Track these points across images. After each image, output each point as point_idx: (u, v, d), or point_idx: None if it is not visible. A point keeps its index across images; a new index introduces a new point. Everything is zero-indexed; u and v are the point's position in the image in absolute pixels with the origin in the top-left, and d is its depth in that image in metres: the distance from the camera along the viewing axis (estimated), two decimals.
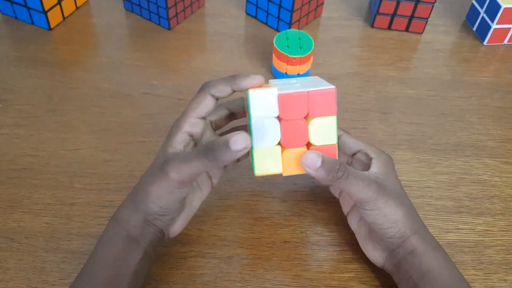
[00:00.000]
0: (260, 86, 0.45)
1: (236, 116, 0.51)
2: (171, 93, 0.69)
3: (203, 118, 0.46)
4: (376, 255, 0.49)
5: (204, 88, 0.46)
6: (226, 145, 0.39)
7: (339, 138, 0.50)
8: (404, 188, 0.58)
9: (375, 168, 0.47)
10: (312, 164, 0.43)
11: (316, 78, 0.50)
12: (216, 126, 0.51)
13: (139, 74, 0.71)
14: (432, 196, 0.58)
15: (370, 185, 0.44)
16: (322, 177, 0.43)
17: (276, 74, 0.71)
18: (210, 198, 0.56)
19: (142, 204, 0.45)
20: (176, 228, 0.48)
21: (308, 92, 0.43)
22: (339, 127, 0.48)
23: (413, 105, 0.69)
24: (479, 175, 0.61)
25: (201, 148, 0.41)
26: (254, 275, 0.50)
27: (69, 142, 0.62)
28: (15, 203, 0.55)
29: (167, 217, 0.45)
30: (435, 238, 0.47)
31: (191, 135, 0.46)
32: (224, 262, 0.51)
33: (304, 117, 0.44)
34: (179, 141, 0.45)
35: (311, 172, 0.43)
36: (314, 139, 0.45)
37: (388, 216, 0.45)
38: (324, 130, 0.45)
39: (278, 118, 0.44)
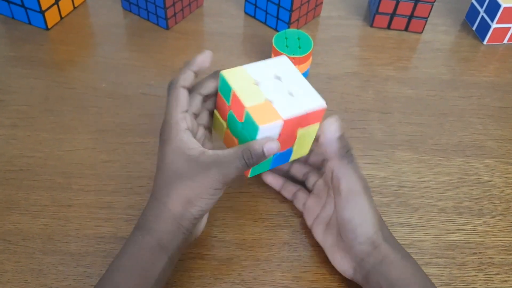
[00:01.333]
0: (209, 59, 0.49)
1: (208, 98, 0.50)
2: None
3: (186, 111, 0.47)
4: (345, 266, 0.48)
5: (171, 86, 0.47)
6: (262, 151, 0.43)
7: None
8: (404, 188, 0.58)
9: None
10: (335, 132, 0.45)
11: (289, 68, 0.50)
12: (195, 115, 0.49)
13: (137, 74, 0.71)
14: (432, 196, 0.58)
15: (362, 180, 0.46)
16: (335, 148, 0.45)
17: None
18: None
19: (182, 210, 0.44)
20: (201, 226, 0.49)
21: (307, 113, 0.46)
22: None
23: (412, 105, 0.69)
24: (480, 176, 0.60)
25: (242, 154, 0.43)
26: (253, 277, 0.50)
27: (66, 142, 0.61)
28: (12, 204, 0.55)
29: (200, 219, 0.46)
30: (438, 238, 0.47)
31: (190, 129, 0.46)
32: (223, 264, 0.51)
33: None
34: (192, 140, 0.45)
35: (328, 140, 0.45)
36: (297, 142, 0.49)
37: (368, 216, 0.45)
38: (307, 135, 0.49)
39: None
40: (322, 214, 0.51)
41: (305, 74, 0.70)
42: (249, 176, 0.49)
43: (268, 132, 0.45)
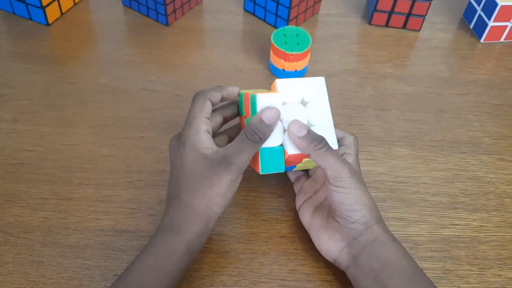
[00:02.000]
0: (236, 94, 0.52)
1: (227, 120, 0.54)
2: (169, 89, 0.69)
3: (208, 119, 0.50)
4: (331, 246, 0.48)
5: (199, 95, 0.50)
6: (264, 123, 0.47)
7: None
8: (400, 184, 0.59)
9: (350, 158, 0.50)
10: (298, 132, 0.46)
11: (321, 92, 0.53)
12: (212, 132, 0.52)
13: (137, 70, 0.72)
14: (428, 192, 0.58)
15: (345, 164, 0.46)
16: (304, 145, 0.46)
17: (274, 71, 0.71)
18: None
19: (208, 211, 0.46)
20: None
21: None
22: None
23: (410, 102, 0.69)
24: (475, 172, 0.61)
25: (246, 136, 0.47)
26: (250, 270, 0.51)
27: (67, 137, 0.62)
28: (13, 197, 0.55)
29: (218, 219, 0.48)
30: (432, 232, 0.47)
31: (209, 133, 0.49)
32: (221, 257, 0.52)
33: None
34: (209, 141, 0.48)
35: (295, 139, 0.47)
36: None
37: (358, 197, 0.46)
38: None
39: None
40: (313, 198, 0.52)
41: (304, 71, 0.71)
42: (260, 173, 0.49)
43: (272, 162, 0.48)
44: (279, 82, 0.51)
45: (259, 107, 0.48)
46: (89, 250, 0.51)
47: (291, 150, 0.48)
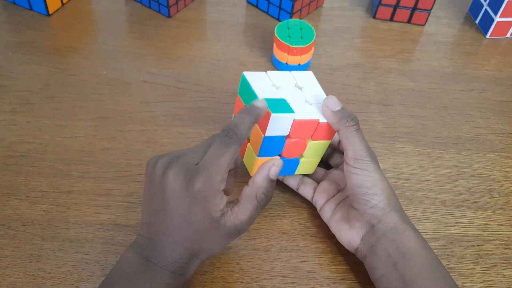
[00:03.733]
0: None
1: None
2: (170, 81, 0.68)
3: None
4: (353, 235, 0.47)
5: (235, 134, 0.43)
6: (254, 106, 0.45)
7: None
8: (404, 181, 0.59)
9: None
10: (333, 105, 0.47)
11: (312, 81, 0.53)
12: None
13: (138, 62, 0.71)
14: (431, 189, 0.58)
15: (368, 148, 0.48)
16: (336, 119, 0.47)
17: (277, 64, 0.70)
18: None
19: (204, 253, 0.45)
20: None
21: (318, 121, 0.48)
22: None
23: (414, 98, 0.69)
24: (479, 169, 0.60)
25: (253, 201, 0.45)
26: (252, 266, 0.50)
27: (67, 129, 0.61)
28: (12, 190, 0.55)
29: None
30: (436, 230, 0.47)
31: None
32: (222, 253, 0.51)
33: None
34: (221, 201, 0.43)
35: (329, 113, 0.47)
36: (306, 154, 0.51)
37: (377, 181, 0.46)
38: (317, 149, 0.51)
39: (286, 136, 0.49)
40: (336, 196, 0.52)
41: (307, 65, 0.70)
42: (258, 156, 0.49)
43: (278, 126, 0.47)
44: (271, 74, 0.52)
45: (270, 126, 0.46)
46: (89, 245, 0.51)
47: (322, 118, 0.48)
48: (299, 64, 0.68)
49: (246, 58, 0.72)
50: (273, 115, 0.45)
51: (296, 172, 0.54)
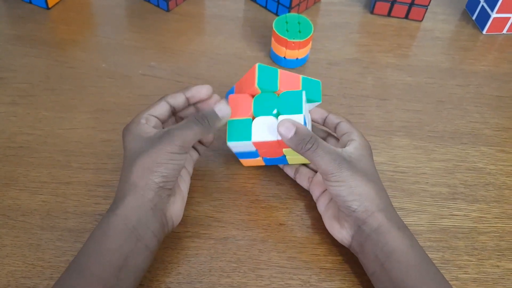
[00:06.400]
0: (209, 94, 0.52)
1: (176, 111, 0.53)
2: (169, 74, 0.69)
3: (154, 117, 0.50)
4: (343, 233, 0.48)
5: (161, 97, 0.52)
6: (215, 113, 0.48)
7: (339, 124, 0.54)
8: (400, 174, 0.59)
9: (351, 148, 0.49)
10: (286, 133, 0.47)
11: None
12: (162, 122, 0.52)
13: (137, 55, 0.71)
14: (427, 182, 0.58)
15: (335, 159, 0.46)
16: (292, 146, 0.47)
17: (275, 58, 0.71)
18: (206, 179, 0.57)
19: (144, 180, 0.45)
20: (177, 210, 0.48)
21: (278, 141, 0.49)
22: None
23: (411, 92, 0.69)
24: (475, 163, 0.61)
25: (195, 118, 0.47)
26: (249, 256, 0.51)
27: (66, 121, 0.62)
28: (12, 180, 0.55)
29: (167, 192, 0.46)
30: (432, 222, 0.47)
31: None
32: (220, 243, 0.51)
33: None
34: (150, 127, 0.48)
35: (284, 140, 0.47)
36: (287, 152, 0.52)
37: (352, 188, 0.46)
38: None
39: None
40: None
41: (305, 59, 0.71)
42: (265, 164, 0.53)
43: (241, 146, 0.51)
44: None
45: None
46: (87, 234, 0.50)
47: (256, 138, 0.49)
48: (296, 58, 0.69)
49: (244, 52, 0.73)
50: (228, 143, 0.50)
51: (290, 163, 0.54)
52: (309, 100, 0.53)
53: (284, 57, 0.69)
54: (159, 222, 0.46)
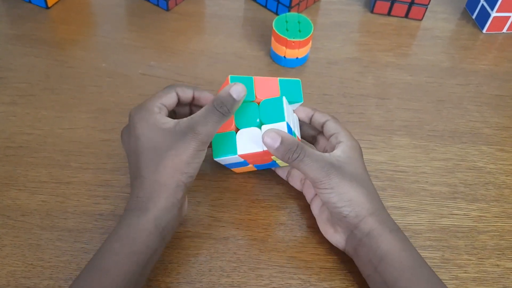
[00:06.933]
0: (210, 99, 0.51)
1: (180, 102, 0.52)
2: (169, 74, 0.68)
3: (165, 107, 0.49)
4: (337, 238, 0.49)
5: (170, 86, 0.51)
6: (232, 97, 0.46)
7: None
8: (400, 173, 0.59)
9: (339, 151, 0.49)
10: (272, 143, 0.46)
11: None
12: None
13: (137, 55, 0.71)
14: (427, 181, 0.58)
15: (323, 166, 0.46)
16: (279, 156, 0.46)
17: (275, 58, 0.71)
18: (207, 179, 0.57)
19: (174, 181, 0.45)
20: (186, 207, 0.49)
21: (264, 151, 0.48)
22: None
23: (411, 91, 0.69)
24: (475, 162, 0.61)
25: (214, 107, 0.45)
26: (249, 256, 0.51)
27: (66, 121, 0.62)
28: (11, 180, 0.55)
29: (186, 190, 0.47)
30: (432, 222, 0.47)
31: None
32: (220, 243, 0.51)
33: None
34: (166, 117, 0.47)
35: (270, 150, 0.47)
36: (276, 158, 0.50)
37: (342, 194, 0.46)
38: None
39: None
40: None
41: (305, 59, 0.71)
42: (256, 169, 0.52)
43: (228, 159, 0.51)
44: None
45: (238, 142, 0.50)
46: (87, 234, 0.51)
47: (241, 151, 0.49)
48: (296, 58, 0.69)
49: (244, 52, 0.73)
50: (215, 159, 0.50)
51: (282, 165, 0.54)
52: (290, 102, 0.52)
53: (284, 57, 0.69)
54: (180, 221, 0.48)
